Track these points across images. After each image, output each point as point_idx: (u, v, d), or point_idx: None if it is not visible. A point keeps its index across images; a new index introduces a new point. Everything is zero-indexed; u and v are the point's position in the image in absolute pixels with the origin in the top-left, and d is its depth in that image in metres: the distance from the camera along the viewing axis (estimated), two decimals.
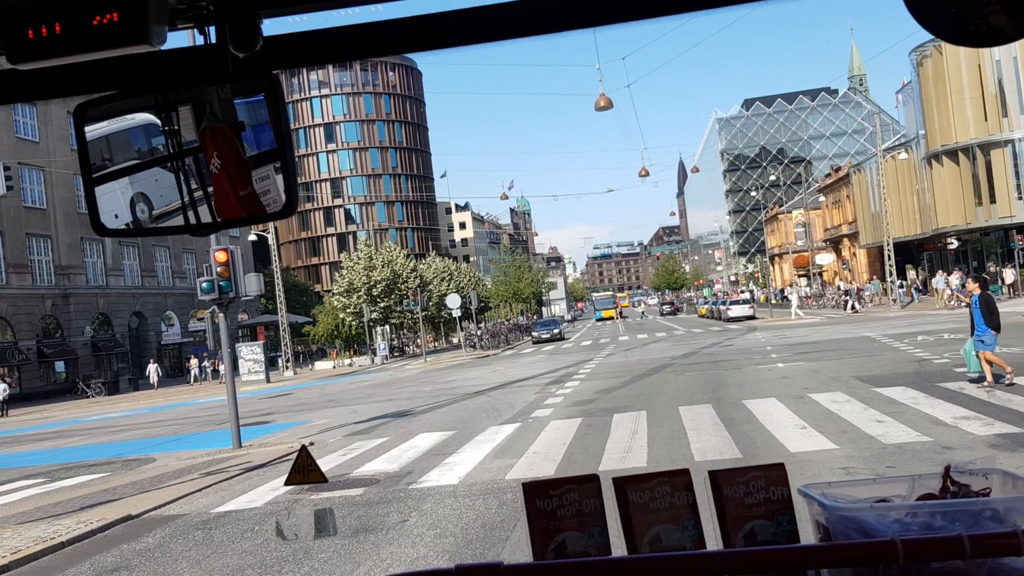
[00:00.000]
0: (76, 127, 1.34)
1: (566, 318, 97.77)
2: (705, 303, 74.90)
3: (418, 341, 56.34)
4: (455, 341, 62.17)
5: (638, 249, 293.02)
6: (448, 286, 61.81)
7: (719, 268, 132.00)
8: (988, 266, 45.67)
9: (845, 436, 10.47)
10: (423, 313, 51.26)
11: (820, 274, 75.72)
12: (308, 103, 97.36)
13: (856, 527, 1.34)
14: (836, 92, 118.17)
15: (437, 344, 65.57)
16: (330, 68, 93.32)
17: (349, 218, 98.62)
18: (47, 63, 1.18)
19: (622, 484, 1.40)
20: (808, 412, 12.61)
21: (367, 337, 52.78)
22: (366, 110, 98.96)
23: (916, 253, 55.19)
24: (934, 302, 43.34)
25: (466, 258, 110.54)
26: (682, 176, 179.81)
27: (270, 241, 49.07)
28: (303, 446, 10.76)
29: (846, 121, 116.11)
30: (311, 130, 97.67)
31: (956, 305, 37.46)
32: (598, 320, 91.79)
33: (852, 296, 49.35)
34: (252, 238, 54.03)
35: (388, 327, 55.95)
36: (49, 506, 11.27)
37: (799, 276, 77.05)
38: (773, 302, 61.14)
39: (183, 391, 41.30)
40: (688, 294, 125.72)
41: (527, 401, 18.34)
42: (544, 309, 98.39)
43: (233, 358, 18.25)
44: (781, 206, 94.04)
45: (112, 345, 51.13)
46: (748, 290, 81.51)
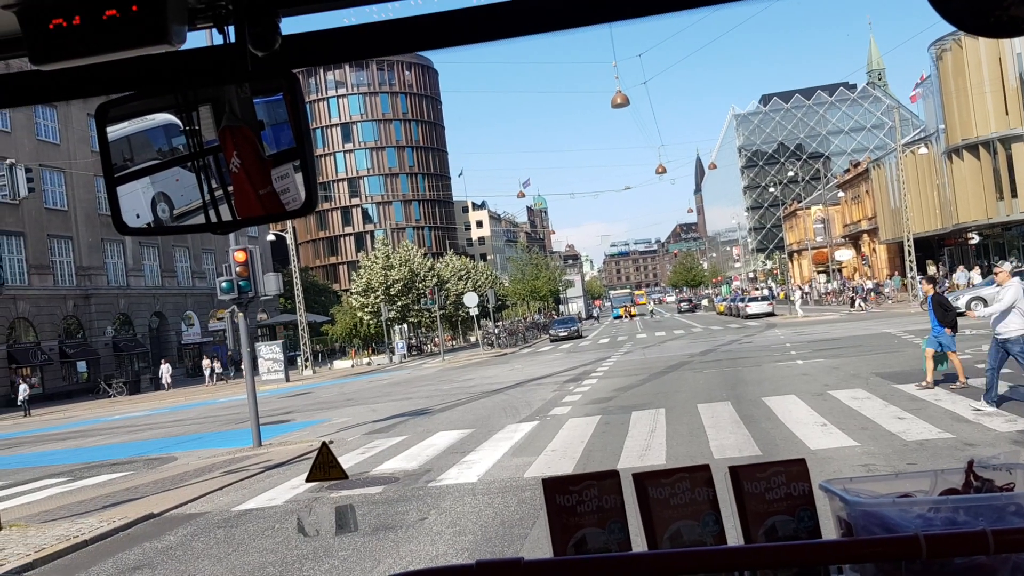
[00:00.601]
0: (98, 127, 1.35)
1: (582, 316, 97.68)
2: (723, 300, 74.59)
3: (436, 340, 56.44)
4: (473, 339, 62.26)
5: (655, 246, 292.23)
6: (465, 285, 61.85)
7: (737, 265, 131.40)
8: (999, 262, 45.16)
9: (866, 433, 10.40)
10: (441, 312, 51.35)
11: (840, 270, 75.23)
12: (325, 103, 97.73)
13: (878, 522, 1.33)
14: (855, 87, 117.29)
15: (455, 343, 65.68)
16: (347, 68, 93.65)
17: (367, 217, 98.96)
18: (68, 64, 1.19)
19: (642, 480, 1.40)
20: (828, 409, 12.54)
21: (385, 336, 52.92)
22: (383, 109, 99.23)
23: (936, 248, 54.75)
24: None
25: (483, 257, 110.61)
26: (699, 173, 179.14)
27: (288, 241, 49.28)
28: (324, 443, 10.81)
29: (865, 116, 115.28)
30: (328, 130, 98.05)
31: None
32: (615, 318, 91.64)
33: (859, 293, 48.90)
34: (271, 238, 54.26)
35: (406, 326, 56.09)
36: (72, 505, 11.37)
37: (818, 272, 76.62)
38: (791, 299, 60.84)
39: (201, 391, 41.56)
40: (706, 291, 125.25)
41: (545, 399, 18.34)
42: (562, 307, 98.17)
43: (252, 357, 18.33)
44: (799, 202, 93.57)
45: (133, 345, 51.55)
46: (767, 287, 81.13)
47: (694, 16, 1.28)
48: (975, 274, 41.16)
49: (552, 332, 55.07)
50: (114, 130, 1.36)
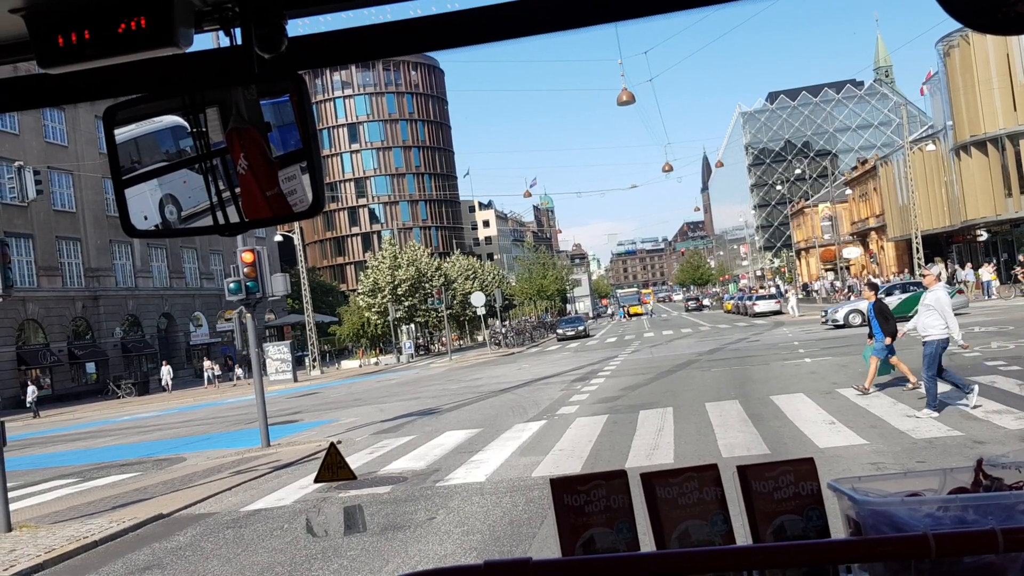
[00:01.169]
0: (106, 130, 1.36)
1: (589, 315, 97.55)
2: (731, 298, 74.41)
3: (443, 339, 56.46)
4: (480, 339, 62.23)
5: (662, 245, 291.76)
6: (472, 284, 61.85)
7: (744, 263, 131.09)
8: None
9: (874, 431, 10.38)
10: (448, 311, 51.35)
11: (848, 268, 75.00)
12: (331, 103, 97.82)
13: (887, 521, 1.32)
14: (862, 84, 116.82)
15: (462, 342, 65.68)
16: (353, 68, 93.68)
17: (373, 217, 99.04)
18: (76, 67, 1.20)
19: (650, 479, 1.39)
20: (836, 407, 12.51)
21: (392, 336, 52.97)
22: (389, 110, 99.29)
23: (945, 246, 54.53)
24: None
25: (490, 256, 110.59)
26: (706, 171, 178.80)
27: (296, 241, 49.38)
28: (332, 443, 10.82)
29: (872, 113, 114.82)
30: (335, 130, 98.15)
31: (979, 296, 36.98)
32: (622, 317, 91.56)
33: (855, 292, 48.65)
34: (278, 239, 54.43)
35: (413, 326, 56.12)
36: (82, 505, 11.42)
37: (826, 270, 76.38)
38: (799, 296, 60.59)
39: (210, 392, 41.65)
40: (714, 289, 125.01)
41: (552, 398, 18.33)
42: (569, 306, 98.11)
43: (260, 358, 18.38)
44: (807, 200, 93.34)
45: (142, 346, 51.71)
46: (775, 285, 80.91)
47: (700, 13, 1.28)
48: (986, 271, 40.94)
49: (559, 331, 55.05)
50: (122, 132, 1.36)
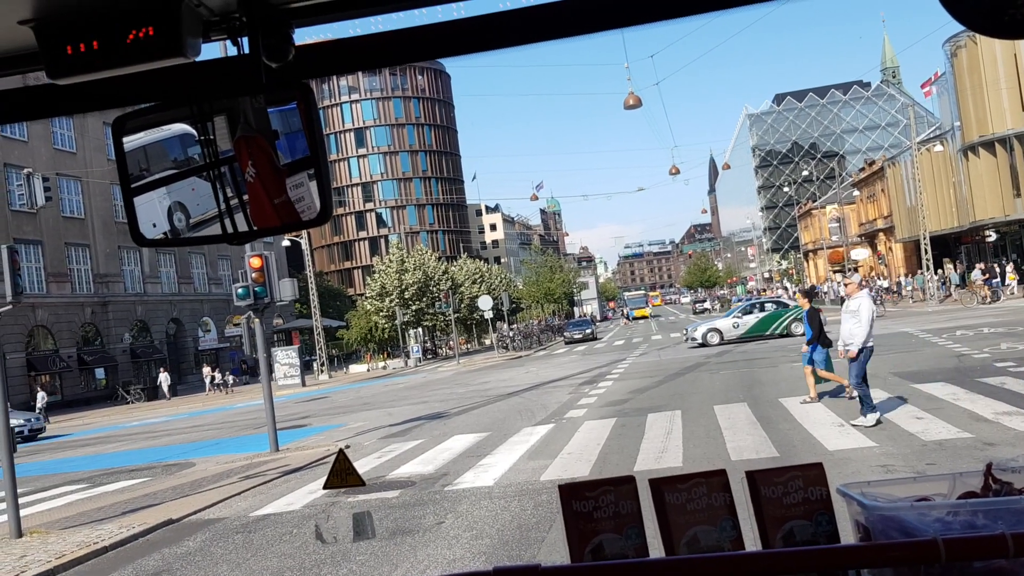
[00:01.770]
0: (115, 139, 1.37)
1: (596, 318, 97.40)
2: (738, 300, 74.27)
3: (451, 343, 56.50)
4: (487, 342, 62.22)
5: (669, 247, 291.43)
6: (480, 288, 61.86)
7: (752, 265, 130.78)
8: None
9: (884, 433, 10.34)
10: (455, 315, 51.37)
11: (856, 269, 74.81)
12: (338, 108, 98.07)
13: (897, 526, 1.32)
14: (868, 85, 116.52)
15: (470, 346, 65.70)
16: (359, 73, 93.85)
17: (380, 222, 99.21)
18: (85, 77, 1.20)
19: (659, 485, 1.39)
20: (845, 409, 12.47)
21: (400, 340, 53.02)
22: (396, 114, 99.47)
23: (953, 247, 54.33)
24: (973, 296, 42.59)
25: (497, 259, 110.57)
26: (713, 173, 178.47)
27: (303, 246, 49.49)
28: (340, 450, 10.84)
29: (879, 114, 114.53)
30: (342, 135, 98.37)
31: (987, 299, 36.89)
32: (630, 319, 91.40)
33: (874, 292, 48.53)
34: (286, 244, 54.52)
35: (421, 329, 56.17)
36: (92, 511, 11.45)
37: (834, 272, 76.18)
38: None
39: (211, 399, 41.73)
40: (721, 292, 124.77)
41: (560, 402, 18.32)
42: (576, 309, 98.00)
43: (269, 363, 18.41)
44: (814, 201, 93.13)
45: (151, 352, 51.87)
46: (782, 287, 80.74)
47: (706, 17, 1.28)
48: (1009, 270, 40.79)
49: (567, 334, 55.00)
50: (131, 141, 1.37)
